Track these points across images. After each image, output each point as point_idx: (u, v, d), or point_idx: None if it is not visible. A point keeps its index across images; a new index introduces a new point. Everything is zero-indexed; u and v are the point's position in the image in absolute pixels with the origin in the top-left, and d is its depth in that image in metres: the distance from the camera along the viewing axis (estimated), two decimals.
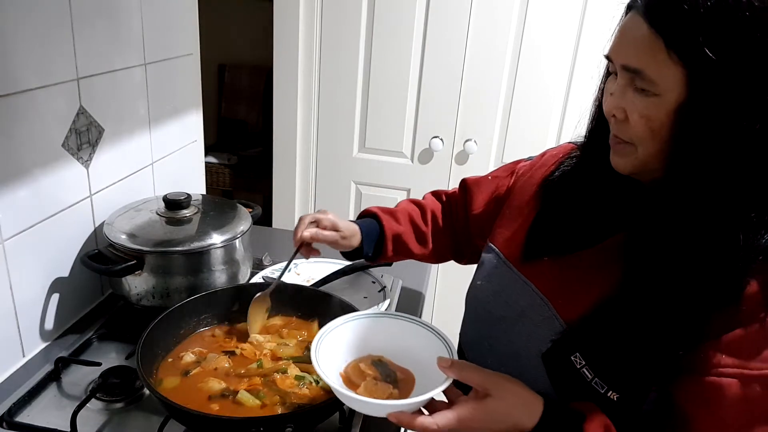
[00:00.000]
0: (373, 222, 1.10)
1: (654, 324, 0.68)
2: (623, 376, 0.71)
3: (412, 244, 1.11)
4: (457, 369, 0.73)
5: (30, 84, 0.99)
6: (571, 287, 0.79)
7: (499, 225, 0.96)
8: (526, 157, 1.05)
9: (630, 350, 0.70)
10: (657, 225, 0.69)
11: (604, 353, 0.72)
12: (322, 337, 0.82)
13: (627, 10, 0.68)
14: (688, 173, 0.65)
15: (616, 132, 0.70)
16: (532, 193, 0.91)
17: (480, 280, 0.95)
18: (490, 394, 0.71)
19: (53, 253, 1.11)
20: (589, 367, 0.73)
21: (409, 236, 1.11)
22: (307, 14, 2.18)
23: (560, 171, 0.88)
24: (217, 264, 1.17)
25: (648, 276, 0.69)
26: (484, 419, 0.70)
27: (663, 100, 0.64)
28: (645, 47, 0.63)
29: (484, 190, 1.08)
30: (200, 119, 1.61)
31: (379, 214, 1.10)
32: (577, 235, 0.80)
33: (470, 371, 0.73)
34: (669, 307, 0.67)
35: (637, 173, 0.72)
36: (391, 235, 1.08)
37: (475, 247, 1.10)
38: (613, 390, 0.72)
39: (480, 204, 1.07)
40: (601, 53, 0.73)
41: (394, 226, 1.09)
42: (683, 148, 0.65)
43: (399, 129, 2.26)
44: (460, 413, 0.70)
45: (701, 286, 0.65)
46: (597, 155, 0.77)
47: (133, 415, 0.96)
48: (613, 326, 0.71)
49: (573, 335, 0.76)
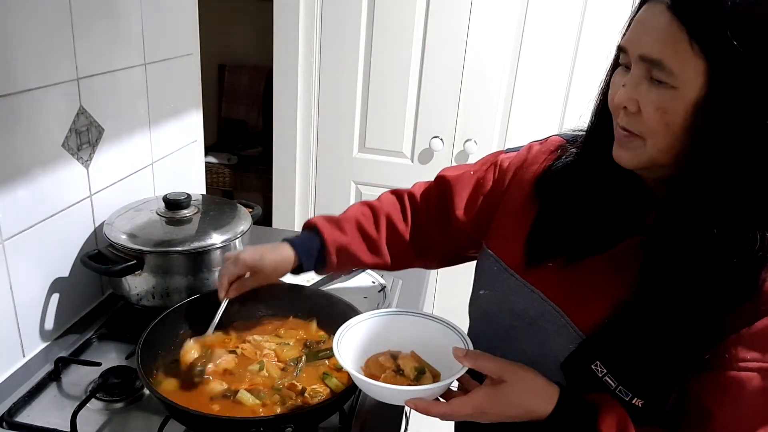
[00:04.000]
0: (313, 236, 1.01)
1: (675, 325, 0.67)
2: (647, 382, 0.71)
3: (362, 253, 1.02)
4: (472, 358, 0.74)
5: (30, 84, 0.99)
6: (584, 295, 0.77)
7: (495, 228, 0.93)
8: (506, 149, 1.00)
9: (652, 355, 0.69)
10: (676, 226, 0.67)
11: (626, 360, 0.72)
12: (343, 333, 0.84)
13: (642, 1, 0.67)
14: (705, 170, 0.64)
15: (625, 124, 0.69)
16: (526, 192, 0.88)
17: (482, 289, 0.92)
18: (504, 381, 0.72)
19: (53, 253, 1.11)
20: (611, 375, 0.72)
21: (358, 245, 1.01)
22: (307, 14, 2.18)
23: (556, 167, 0.85)
24: (217, 264, 1.17)
25: (668, 278, 0.68)
26: (499, 405, 0.71)
27: (680, 93, 0.62)
28: (667, 37, 0.62)
29: (465, 187, 0.99)
30: (200, 119, 1.61)
31: (319, 226, 1.01)
32: (586, 241, 0.78)
33: (485, 360, 0.74)
34: (689, 308, 0.66)
35: (641, 168, 0.71)
36: (334, 247, 0.99)
37: (450, 248, 1.04)
38: (638, 396, 0.71)
39: (462, 204, 0.98)
40: (601, 53, 0.72)
41: (338, 237, 1.00)
42: (700, 143, 0.64)
43: (399, 129, 2.26)
44: (475, 399, 0.72)
45: (720, 283, 0.65)
46: (599, 151, 0.76)
47: (133, 415, 0.96)
48: (632, 332, 0.71)
49: (592, 344, 0.75)
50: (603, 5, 1.96)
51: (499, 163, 0.97)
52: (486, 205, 0.96)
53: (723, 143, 0.62)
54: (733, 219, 0.64)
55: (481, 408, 0.72)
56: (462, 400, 0.72)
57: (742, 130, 0.61)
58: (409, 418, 1.25)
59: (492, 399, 0.72)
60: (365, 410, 1.00)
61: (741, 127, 0.61)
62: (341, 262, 1.01)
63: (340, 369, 0.99)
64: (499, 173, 0.96)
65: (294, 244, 1.00)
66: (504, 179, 0.95)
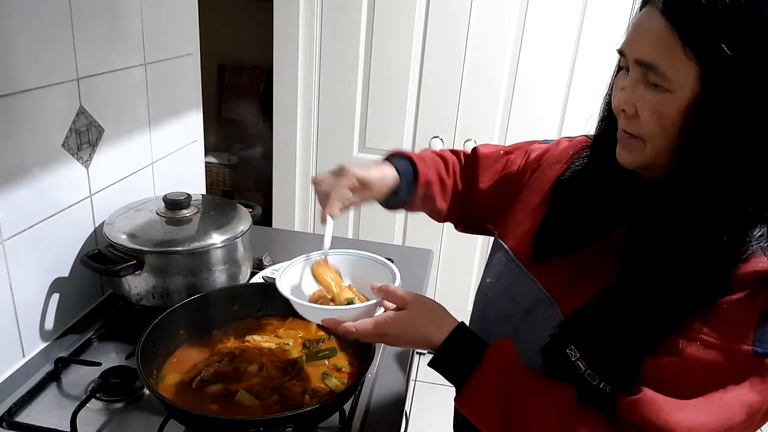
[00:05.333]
0: (407, 164, 1.01)
1: (647, 313, 0.69)
2: (615, 368, 0.72)
3: (438, 195, 1.04)
4: (384, 290, 0.82)
5: (30, 84, 0.99)
6: (573, 284, 0.80)
7: (510, 221, 0.95)
8: (541, 140, 1.03)
9: (622, 340, 0.71)
10: (659, 217, 0.69)
11: (597, 345, 0.73)
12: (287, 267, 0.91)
13: (643, 4, 0.68)
14: (695, 169, 0.65)
15: (625, 127, 0.71)
16: (545, 191, 0.91)
17: (490, 277, 0.95)
18: (407, 309, 0.79)
19: (53, 253, 1.11)
20: (582, 359, 0.74)
21: (436, 186, 1.04)
22: (307, 14, 2.18)
23: (571, 171, 0.88)
24: (217, 264, 1.17)
25: (646, 266, 0.69)
26: (397, 327, 0.78)
27: (675, 97, 0.64)
28: (660, 42, 0.63)
29: (493, 164, 1.03)
30: (200, 119, 1.61)
31: (413, 158, 1.02)
32: (581, 232, 0.81)
33: (394, 291, 0.81)
34: (662, 298, 0.68)
35: (642, 169, 0.73)
36: (424, 181, 1.01)
37: (474, 218, 1.08)
38: (605, 381, 0.72)
39: (487, 179, 1.03)
40: (600, 53, 0.73)
41: (427, 173, 1.02)
42: (692, 145, 0.65)
43: (399, 129, 2.26)
44: (377, 321, 0.79)
45: (695, 277, 0.66)
46: (605, 153, 0.78)
47: (133, 415, 0.96)
48: (607, 317, 0.72)
49: (569, 328, 0.77)
50: (603, 5, 1.96)
51: (529, 152, 1.01)
52: (507, 186, 1.00)
53: (713, 144, 0.64)
54: (715, 215, 0.65)
55: (381, 329, 0.78)
56: (365, 321, 0.79)
57: (734, 132, 0.62)
58: (410, 418, 1.25)
59: (392, 323, 0.78)
60: (365, 410, 1.00)
61: (732, 129, 0.62)
62: (422, 198, 1.03)
63: (340, 369, 1.00)
64: (526, 161, 1.00)
65: (395, 165, 1.00)
66: (528, 169, 0.98)
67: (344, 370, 0.99)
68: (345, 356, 1.03)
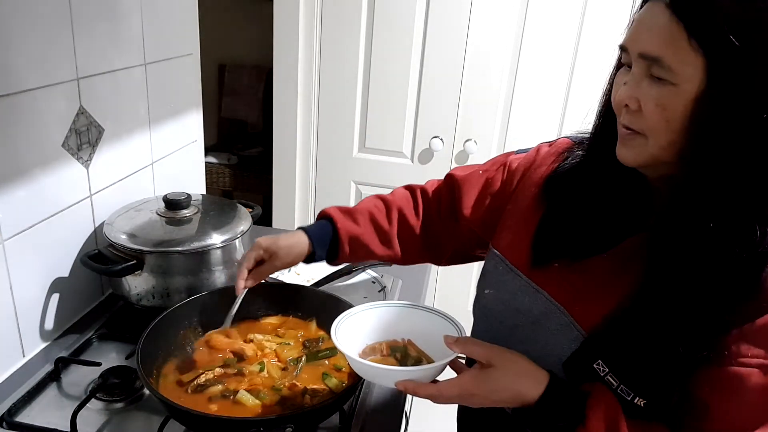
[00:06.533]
0: (327, 224, 1.02)
1: (678, 323, 0.67)
2: (648, 381, 0.71)
3: (374, 245, 1.03)
4: (462, 344, 0.76)
5: (30, 84, 0.99)
6: (587, 294, 0.78)
7: (502, 229, 0.93)
8: (516, 150, 1.01)
9: (654, 353, 0.69)
10: (678, 223, 0.68)
11: (628, 359, 0.71)
12: (341, 320, 0.85)
13: (644, 1, 0.68)
14: (705, 166, 0.65)
15: (627, 122, 0.69)
16: (533, 194, 0.89)
17: (487, 288, 0.92)
18: (492, 365, 0.73)
19: (53, 253, 1.11)
20: (613, 374, 0.72)
21: (370, 237, 1.03)
22: (307, 14, 2.18)
23: (563, 169, 0.86)
24: (217, 264, 1.17)
25: (671, 275, 0.68)
26: (486, 387, 0.73)
27: (680, 90, 0.63)
28: (665, 34, 0.63)
29: (474, 186, 1.00)
30: (200, 119, 1.61)
31: (333, 216, 1.02)
32: (589, 240, 0.78)
33: (474, 345, 0.76)
34: (692, 305, 0.66)
35: (644, 166, 0.72)
36: (347, 236, 1.01)
37: (459, 245, 1.05)
38: (640, 396, 0.71)
39: (470, 203, 1.00)
40: (601, 54, 0.73)
41: (350, 227, 1.02)
42: (700, 139, 0.64)
43: (399, 129, 2.26)
44: (462, 381, 0.73)
45: (723, 280, 0.65)
46: (604, 151, 0.76)
47: (133, 415, 0.96)
48: (635, 330, 0.71)
49: (594, 343, 0.75)
50: (603, 5, 1.96)
51: (508, 164, 0.98)
52: (494, 204, 0.97)
53: (722, 138, 0.63)
54: (734, 214, 0.64)
55: (468, 390, 0.73)
56: (450, 382, 0.73)
57: (741, 124, 0.62)
58: (410, 418, 1.25)
59: (479, 381, 0.73)
60: (365, 410, 1.00)
61: (740, 122, 0.62)
62: (353, 252, 1.02)
63: (340, 369, 0.99)
64: (507, 174, 0.97)
65: (308, 231, 1.01)
66: (512, 180, 0.96)
67: (344, 370, 0.99)
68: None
